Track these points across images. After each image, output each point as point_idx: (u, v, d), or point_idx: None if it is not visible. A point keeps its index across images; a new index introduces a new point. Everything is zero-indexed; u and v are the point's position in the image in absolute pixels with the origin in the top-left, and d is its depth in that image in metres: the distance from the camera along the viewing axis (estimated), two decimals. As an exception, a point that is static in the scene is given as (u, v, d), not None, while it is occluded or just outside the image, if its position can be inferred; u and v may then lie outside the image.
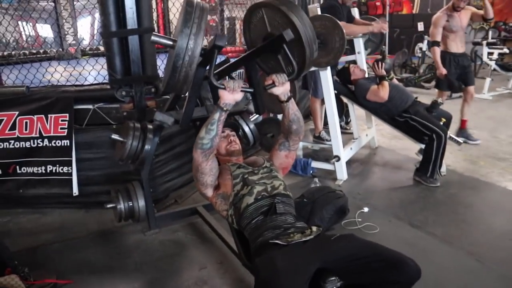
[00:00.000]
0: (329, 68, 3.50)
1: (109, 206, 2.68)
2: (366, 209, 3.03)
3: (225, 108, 1.85)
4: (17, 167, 3.18)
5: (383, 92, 3.62)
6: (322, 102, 4.17)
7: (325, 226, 2.70)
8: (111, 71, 2.98)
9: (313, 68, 3.50)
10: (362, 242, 1.72)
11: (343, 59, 4.64)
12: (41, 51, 9.06)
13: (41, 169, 3.17)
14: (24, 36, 10.53)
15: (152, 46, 3.07)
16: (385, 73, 3.73)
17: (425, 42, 8.06)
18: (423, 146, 3.53)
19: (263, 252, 1.73)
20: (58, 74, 3.57)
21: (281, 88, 1.93)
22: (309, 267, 1.56)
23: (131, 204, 2.67)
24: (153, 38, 1.86)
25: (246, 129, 2.87)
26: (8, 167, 3.18)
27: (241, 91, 1.86)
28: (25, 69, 3.58)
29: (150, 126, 2.66)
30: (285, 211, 1.91)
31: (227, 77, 2.41)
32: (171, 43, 1.81)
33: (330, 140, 4.18)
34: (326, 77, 3.51)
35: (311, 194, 2.87)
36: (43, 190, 3.20)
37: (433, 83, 7.55)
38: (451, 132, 3.77)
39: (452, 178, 3.62)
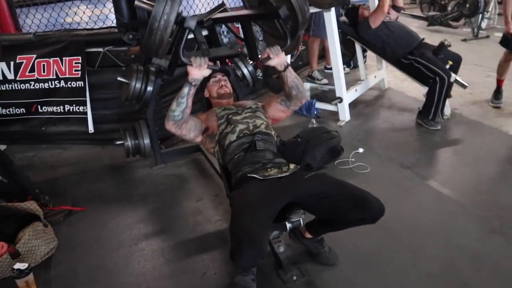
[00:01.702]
0: (333, 8, 3.48)
1: (118, 143, 2.93)
2: (361, 150, 3.15)
3: (193, 83, 1.97)
4: (39, 106, 3.47)
5: (381, 5, 3.58)
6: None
7: (316, 164, 2.87)
8: (118, 15, 3.10)
9: (315, 10, 3.50)
10: (333, 182, 1.86)
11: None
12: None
13: (60, 108, 3.44)
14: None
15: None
16: None
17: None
18: (428, 88, 3.54)
19: (241, 185, 1.92)
20: (80, 15, 3.65)
21: (276, 59, 2.03)
22: (278, 202, 1.74)
23: (137, 142, 2.91)
24: (136, 3, 2.00)
25: (245, 71, 2.98)
26: (31, 106, 3.48)
27: (208, 67, 1.97)
28: (49, 9, 3.70)
29: (153, 69, 2.82)
30: (264, 148, 2.07)
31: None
32: (151, 8, 1.93)
33: (321, 80, 4.25)
34: (330, 18, 3.50)
35: (306, 134, 3.00)
36: (62, 128, 3.50)
37: (461, 21, 7.29)
38: (460, 74, 3.73)
39: (455, 121, 3.64)
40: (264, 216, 1.66)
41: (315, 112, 3.81)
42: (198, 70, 1.96)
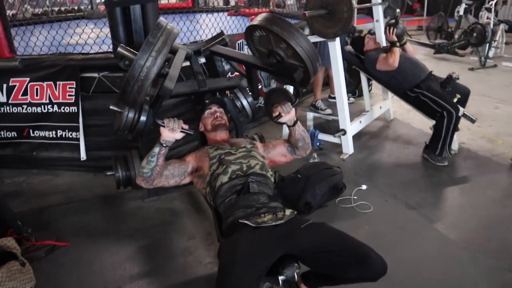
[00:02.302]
0: (338, 38, 3.37)
1: (108, 173, 2.79)
2: (364, 187, 2.99)
3: (164, 145, 1.87)
4: (31, 130, 3.36)
5: (392, 59, 3.46)
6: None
7: (316, 203, 2.72)
8: (114, 40, 3.01)
9: (319, 39, 3.40)
10: (331, 234, 1.70)
11: (361, 27, 4.47)
12: (74, 8, 9.25)
13: (52, 133, 3.33)
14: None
15: (155, 15, 3.07)
16: (396, 38, 3.55)
17: (463, 5, 7.54)
18: (435, 122, 3.40)
19: (232, 232, 1.77)
20: (82, 36, 3.63)
21: (287, 116, 2.03)
22: (271, 256, 1.59)
23: (128, 173, 2.77)
24: (119, 49, 1.92)
25: (244, 102, 2.84)
26: (23, 130, 3.37)
27: (181, 131, 1.87)
28: (49, 29, 3.67)
29: (147, 98, 2.70)
30: (259, 190, 1.93)
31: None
32: (133, 57, 1.84)
33: (325, 110, 4.12)
34: (335, 48, 3.40)
35: (306, 170, 2.86)
36: (54, 153, 3.37)
37: (468, 50, 7.19)
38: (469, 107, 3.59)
39: (463, 157, 3.49)
40: (255, 273, 1.50)
41: (318, 144, 3.68)
42: (171, 133, 1.86)
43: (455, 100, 3.38)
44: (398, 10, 3.54)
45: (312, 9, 3.17)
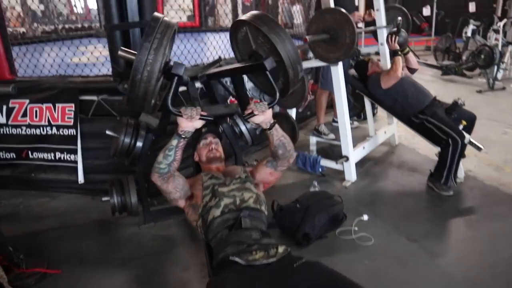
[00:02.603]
0: (340, 62, 3.32)
1: (104, 199, 2.75)
2: (365, 217, 2.90)
3: (183, 136, 1.79)
4: (29, 152, 3.34)
5: (394, 69, 3.40)
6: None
7: (315, 234, 2.64)
8: (114, 64, 2.99)
9: (322, 64, 3.35)
10: (325, 275, 1.62)
11: (366, 49, 4.43)
12: (85, 26, 9.33)
13: (51, 155, 3.30)
14: (75, 9, 10.90)
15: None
16: (398, 47, 3.50)
17: (471, 26, 7.48)
18: (440, 149, 3.32)
19: (221, 270, 1.70)
20: (92, 54, 3.62)
21: (262, 116, 1.86)
22: None
23: (124, 199, 2.72)
24: (119, 52, 1.86)
25: (243, 128, 2.79)
26: (22, 151, 3.35)
27: (200, 119, 1.79)
28: (66, 45, 3.67)
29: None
30: (251, 226, 1.86)
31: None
32: (133, 57, 1.77)
33: (328, 135, 4.05)
34: (337, 72, 3.34)
35: (306, 199, 2.78)
36: (52, 176, 3.35)
37: (476, 71, 7.11)
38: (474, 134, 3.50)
39: (469, 186, 3.38)
40: None
41: (320, 170, 3.61)
42: (189, 122, 1.77)
43: (460, 126, 3.30)
44: (399, 18, 3.49)
45: (314, 34, 3.14)
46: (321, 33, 3.08)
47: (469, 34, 7.51)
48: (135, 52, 1.82)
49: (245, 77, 2.68)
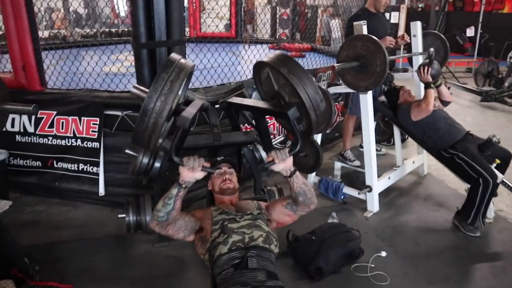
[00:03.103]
0: (370, 91, 3.23)
1: (119, 216, 2.76)
2: (383, 254, 2.79)
3: (184, 186, 1.77)
4: (54, 161, 3.42)
5: (426, 102, 3.26)
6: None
7: (329, 269, 2.56)
8: (139, 82, 3.01)
9: (351, 90, 3.27)
10: None
11: (401, 75, 4.30)
12: (124, 30, 9.51)
13: (74, 166, 3.37)
14: (117, 11, 11.17)
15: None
16: (430, 79, 3.35)
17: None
18: (470, 186, 3.16)
19: (224, 309, 1.66)
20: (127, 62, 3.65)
21: (282, 164, 1.82)
22: None
23: (139, 218, 2.72)
24: (132, 90, 1.86)
25: (263, 154, 2.75)
26: (47, 160, 3.44)
27: (202, 170, 1.76)
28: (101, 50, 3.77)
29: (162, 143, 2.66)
30: (258, 266, 1.80)
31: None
32: (144, 95, 1.78)
33: (353, 161, 3.94)
34: (366, 101, 3.25)
35: (322, 232, 2.71)
36: (74, 186, 3.41)
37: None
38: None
39: (498, 227, 3.19)
40: None
41: (342, 197, 3.51)
42: (191, 172, 1.75)
43: (493, 165, 3.13)
44: (431, 49, 3.35)
45: (344, 60, 3.06)
46: (352, 60, 2.99)
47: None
48: (145, 90, 1.82)
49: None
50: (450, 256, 2.85)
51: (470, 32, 9.83)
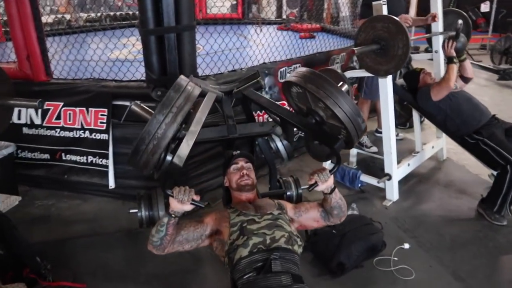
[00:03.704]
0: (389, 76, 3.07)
1: (131, 211, 2.66)
2: (406, 246, 2.68)
3: (173, 215, 1.75)
4: (63, 154, 3.32)
5: (447, 78, 3.10)
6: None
7: (351, 264, 2.45)
8: (148, 70, 2.88)
9: (369, 74, 3.11)
10: None
11: (419, 56, 4.12)
12: (129, 13, 9.29)
13: (83, 158, 3.27)
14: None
15: (192, 44, 2.92)
16: (454, 53, 3.18)
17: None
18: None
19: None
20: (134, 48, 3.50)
21: (324, 185, 1.86)
22: None
23: (151, 213, 2.63)
24: (132, 107, 1.80)
25: (279, 145, 2.62)
26: (56, 153, 3.34)
27: (192, 203, 1.73)
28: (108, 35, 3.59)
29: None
30: (282, 269, 1.70)
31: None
32: (147, 116, 1.72)
33: (370, 147, 3.81)
34: (386, 86, 3.09)
35: (342, 225, 2.56)
36: (84, 178, 3.32)
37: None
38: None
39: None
40: None
41: (359, 185, 3.39)
42: (180, 205, 1.73)
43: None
44: (460, 21, 3.17)
45: (362, 43, 2.90)
46: (371, 43, 2.83)
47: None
48: (150, 111, 1.78)
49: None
50: (476, 247, 2.73)
51: (485, 7, 9.49)
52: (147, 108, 1.93)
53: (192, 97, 1.67)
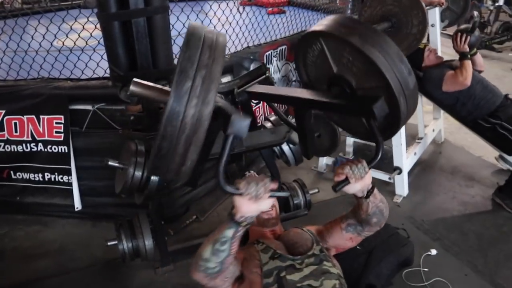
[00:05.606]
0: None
1: (109, 243, 2.15)
2: (433, 252, 2.36)
3: (243, 224, 1.20)
4: (11, 172, 2.71)
5: (464, 76, 2.73)
6: None
7: (382, 284, 2.09)
8: (112, 66, 2.31)
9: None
10: None
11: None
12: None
13: (38, 176, 2.70)
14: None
15: (166, 30, 2.36)
16: (467, 49, 2.81)
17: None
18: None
19: None
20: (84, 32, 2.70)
21: (359, 184, 1.31)
22: None
23: (136, 243, 2.14)
24: (132, 88, 1.16)
25: (286, 148, 2.19)
26: (2, 171, 2.71)
27: (271, 196, 1.17)
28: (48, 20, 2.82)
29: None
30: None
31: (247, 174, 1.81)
32: (156, 96, 1.13)
33: None
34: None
35: (367, 240, 2.19)
36: (42, 199, 2.77)
37: (506, 44, 6.45)
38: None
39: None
40: None
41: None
42: (254, 204, 1.15)
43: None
44: (476, 13, 2.82)
45: (368, 20, 2.48)
46: (379, 20, 2.41)
47: (500, 2, 6.76)
48: (160, 87, 1.16)
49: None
50: (507, 245, 2.46)
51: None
52: (154, 84, 1.25)
53: (220, 48, 1.03)
